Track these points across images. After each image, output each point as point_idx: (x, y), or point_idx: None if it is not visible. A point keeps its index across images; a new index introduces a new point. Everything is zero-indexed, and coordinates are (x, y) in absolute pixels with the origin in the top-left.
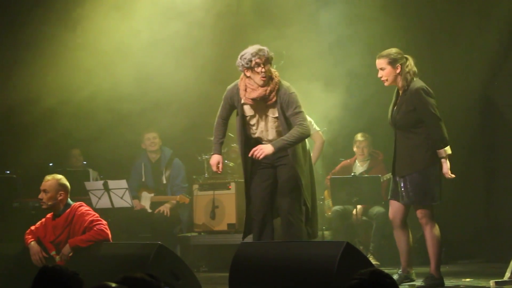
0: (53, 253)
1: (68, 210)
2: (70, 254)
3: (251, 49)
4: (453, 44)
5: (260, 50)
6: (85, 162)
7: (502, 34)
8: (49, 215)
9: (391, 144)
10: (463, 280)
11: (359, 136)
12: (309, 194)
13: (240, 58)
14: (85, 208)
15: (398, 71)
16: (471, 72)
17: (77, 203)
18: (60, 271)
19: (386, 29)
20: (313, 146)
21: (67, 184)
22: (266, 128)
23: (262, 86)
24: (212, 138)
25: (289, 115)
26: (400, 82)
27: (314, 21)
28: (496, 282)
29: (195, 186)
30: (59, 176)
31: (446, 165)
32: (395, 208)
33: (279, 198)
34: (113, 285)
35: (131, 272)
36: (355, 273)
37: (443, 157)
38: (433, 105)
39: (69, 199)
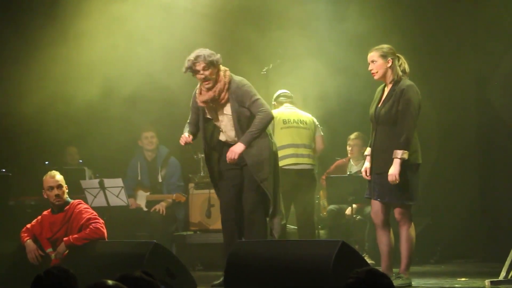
0: (49, 250)
1: (67, 207)
2: (66, 253)
3: (191, 55)
4: (450, 43)
5: (198, 56)
6: (81, 161)
7: (499, 33)
8: (45, 212)
9: None
10: (458, 279)
11: (351, 136)
12: (271, 192)
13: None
14: (83, 206)
15: (389, 65)
16: (467, 71)
17: (76, 201)
18: (55, 276)
19: (381, 26)
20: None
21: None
22: (226, 128)
23: (210, 89)
24: None
25: (248, 107)
26: (390, 76)
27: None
28: (491, 282)
29: (191, 185)
30: (59, 173)
31: (393, 168)
32: (376, 207)
33: (243, 197)
34: (110, 282)
35: (129, 271)
36: (350, 272)
37: (397, 158)
38: (416, 108)
39: (67, 196)
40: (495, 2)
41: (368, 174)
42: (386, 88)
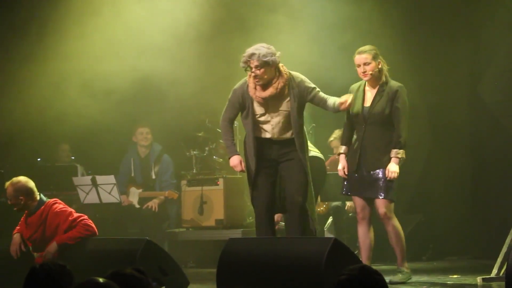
0: (30, 249)
1: (42, 207)
2: (56, 253)
3: (249, 50)
4: (442, 39)
5: (252, 54)
6: (73, 158)
7: (492, 30)
8: (26, 212)
9: None
10: (451, 276)
11: (330, 139)
12: (311, 189)
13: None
14: (59, 206)
15: (380, 66)
16: (459, 68)
17: (52, 200)
18: (50, 269)
19: (373, 24)
20: None
21: (27, 185)
22: (277, 124)
23: (265, 86)
24: (200, 134)
25: (310, 99)
26: (380, 78)
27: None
28: (483, 279)
29: (183, 182)
30: (16, 180)
31: (393, 165)
32: (362, 203)
33: (290, 193)
34: (101, 280)
35: (120, 268)
36: (343, 269)
37: (396, 157)
38: (408, 108)
39: (42, 196)
40: None
41: (346, 172)
42: (367, 87)
